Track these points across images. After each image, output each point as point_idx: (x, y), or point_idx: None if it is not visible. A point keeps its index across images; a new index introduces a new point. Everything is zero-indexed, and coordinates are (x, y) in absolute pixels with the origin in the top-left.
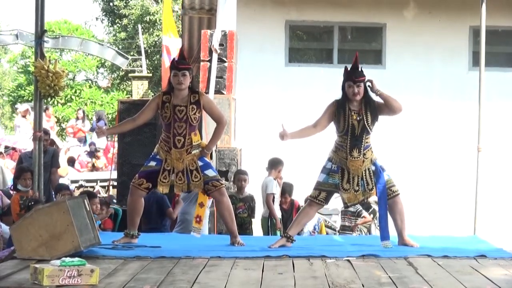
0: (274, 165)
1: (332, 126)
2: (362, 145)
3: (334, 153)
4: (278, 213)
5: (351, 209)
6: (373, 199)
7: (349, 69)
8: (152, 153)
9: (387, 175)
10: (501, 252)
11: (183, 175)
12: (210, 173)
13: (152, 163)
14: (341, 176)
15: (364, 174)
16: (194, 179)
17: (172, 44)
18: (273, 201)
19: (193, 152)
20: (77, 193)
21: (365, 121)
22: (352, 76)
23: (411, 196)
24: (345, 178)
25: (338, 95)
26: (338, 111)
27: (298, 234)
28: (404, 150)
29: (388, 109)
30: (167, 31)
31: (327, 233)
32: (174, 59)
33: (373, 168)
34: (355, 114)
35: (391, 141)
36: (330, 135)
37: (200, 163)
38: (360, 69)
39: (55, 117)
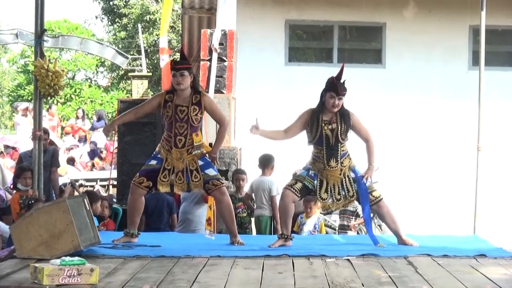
0: (268, 162)
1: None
2: (339, 154)
3: (312, 164)
4: None
5: (350, 208)
6: None
7: (334, 78)
8: (154, 152)
9: (367, 181)
10: (501, 251)
11: (183, 175)
12: (211, 172)
13: (153, 162)
14: (319, 185)
15: (344, 182)
16: (194, 179)
17: (162, 43)
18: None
19: (194, 153)
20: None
21: (338, 131)
22: (338, 89)
23: (411, 195)
24: (323, 188)
25: None
26: (312, 120)
27: (297, 233)
28: (403, 149)
29: (360, 137)
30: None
31: (326, 233)
32: (173, 59)
33: (352, 175)
34: (326, 124)
35: (391, 141)
36: None
37: (200, 163)
38: (343, 82)
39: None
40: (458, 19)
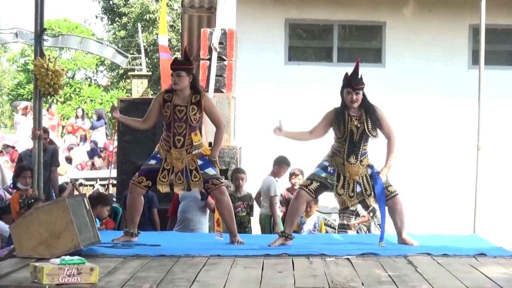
0: (280, 163)
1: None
2: (360, 152)
3: (330, 157)
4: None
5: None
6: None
7: (349, 74)
8: (153, 152)
9: (384, 177)
10: (501, 250)
11: (182, 175)
12: (210, 171)
13: (152, 162)
14: (337, 180)
15: (361, 180)
16: (193, 178)
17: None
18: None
19: (193, 152)
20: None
21: (366, 127)
22: (352, 83)
23: (411, 194)
24: (340, 183)
25: (338, 93)
26: (338, 118)
27: (297, 232)
28: (403, 148)
29: (383, 133)
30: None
31: (326, 232)
32: (175, 58)
33: (369, 171)
34: (355, 120)
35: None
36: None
37: (200, 162)
38: (360, 77)
39: None
40: (458, 18)
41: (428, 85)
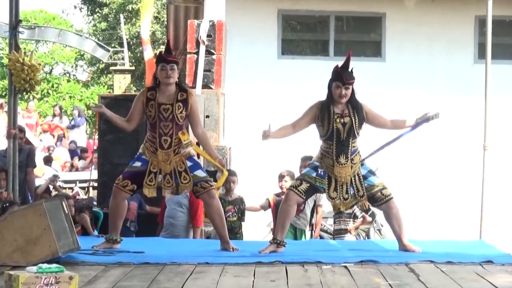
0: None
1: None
2: (349, 150)
3: (320, 159)
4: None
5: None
6: None
7: (339, 67)
8: (137, 153)
9: (377, 178)
10: (509, 257)
11: (171, 177)
12: (200, 173)
13: (137, 164)
14: (328, 184)
15: (353, 180)
16: (183, 181)
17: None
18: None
19: (181, 152)
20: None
21: (353, 124)
22: (342, 77)
23: (412, 198)
24: (332, 186)
25: None
26: (322, 113)
27: None
28: (404, 148)
29: (378, 123)
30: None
31: (322, 238)
32: (161, 51)
33: (362, 172)
34: (338, 117)
35: (390, 139)
36: None
37: (189, 163)
38: (351, 70)
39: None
40: (463, 9)
41: (430, 81)
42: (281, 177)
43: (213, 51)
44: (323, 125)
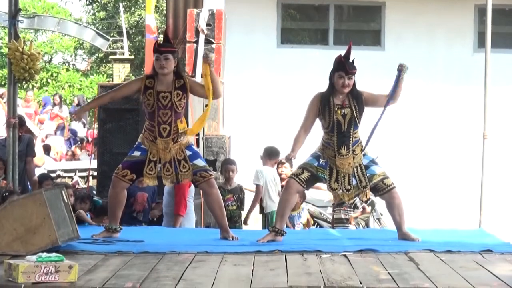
0: (271, 155)
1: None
2: (351, 141)
3: (321, 151)
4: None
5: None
6: None
7: (342, 57)
8: (136, 142)
9: (379, 167)
10: (508, 246)
11: (171, 166)
12: (199, 162)
13: (137, 153)
14: (329, 174)
15: (356, 171)
16: (182, 169)
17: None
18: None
19: (179, 140)
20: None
21: (354, 114)
22: (346, 67)
23: (412, 187)
24: (333, 177)
25: None
26: (323, 105)
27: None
28: (404, 138)
29: (375, 102)
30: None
31: (321, 226)
32: (156, 41)
33: (364, 162)
34: (339, 109)
35: (390, 129)
36: None
37: (188, 152)
38: (352, 61)
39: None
40: None
41: (430, 70)
42: (280, 164)
43: (212, 40)
44: (324, 117)
